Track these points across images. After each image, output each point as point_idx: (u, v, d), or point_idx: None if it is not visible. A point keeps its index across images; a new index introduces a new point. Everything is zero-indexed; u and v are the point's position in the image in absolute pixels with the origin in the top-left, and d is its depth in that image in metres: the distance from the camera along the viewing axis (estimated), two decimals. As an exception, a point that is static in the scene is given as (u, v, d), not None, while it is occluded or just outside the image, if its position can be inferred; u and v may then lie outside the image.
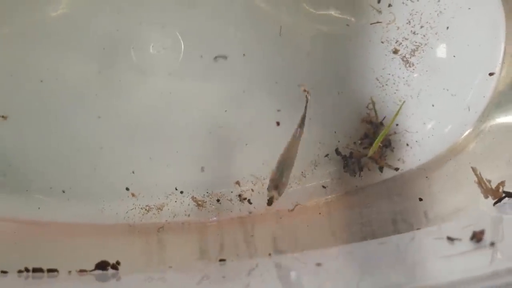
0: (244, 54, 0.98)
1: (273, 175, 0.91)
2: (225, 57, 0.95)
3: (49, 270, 0.71)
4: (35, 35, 0.95)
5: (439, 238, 0.82)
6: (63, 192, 0.95)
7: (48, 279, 0.69)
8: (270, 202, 0.90)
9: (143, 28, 0.96)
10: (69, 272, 0.72)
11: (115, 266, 0.72)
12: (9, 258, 0.81)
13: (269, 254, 0.87)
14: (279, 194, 0.91)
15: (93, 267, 0.73)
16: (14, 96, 0.95)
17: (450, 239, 0.69)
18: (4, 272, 0.72)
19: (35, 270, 0.72)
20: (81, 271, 0.71)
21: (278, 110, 0.99)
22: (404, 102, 0.96)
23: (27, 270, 0.72)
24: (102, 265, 0.72)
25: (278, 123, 0.98)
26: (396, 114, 0.95)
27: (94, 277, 0.69)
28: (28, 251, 0.86)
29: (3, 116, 0.90)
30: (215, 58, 0.94)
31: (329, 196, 0.99)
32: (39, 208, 0.93)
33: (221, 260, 0.81)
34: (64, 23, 0.95)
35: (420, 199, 0.93)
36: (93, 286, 0.69)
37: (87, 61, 0.95)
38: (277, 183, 0.91)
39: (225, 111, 0.98)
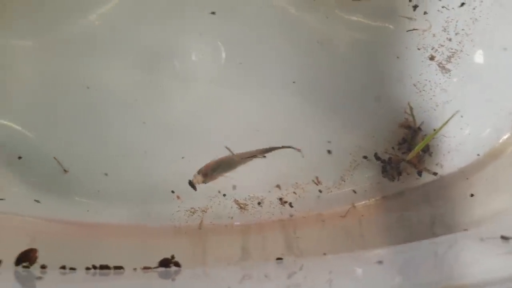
0: (281, 61, 1.00)
1: (211, 164, 0.93)
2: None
3: (115, 267, 0.73)
4: (81, 43, 0.98)
5: (480, 240, 0.82)
6: (110, 195, 0.97)
7: (114, 275, 0.71)
8: (191, 183, 0.92)
9: (185, 37, 0.99)
10: (134, 269, 0.74)
11: (178, 264, 0.73)
12: (60, 257, 0.83)
13: (310, 256, 0.88)
14: (203, 182, 0.93)
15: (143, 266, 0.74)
16: (62, 102, 0.98)
17: (504, 238, 0.69)
18: (73, 269, 0.74)
19: (102, 267, 0.74)
20: (145, 268, 0.73)
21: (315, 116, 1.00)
22: (457, 112, 0.97)
23: (94, 267, 0.74)
24: (165, 263, 0.74)
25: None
26: (446, 123, 0.96)
27: (157, 274, 0.71)
28: (77, 251, 0.88)
29: (65, 170, 0.93)
30: None
31: (368, 201, 1.00)
32: (87, 210, 0.95)
33: (278, 258, 0.83)
34: (109, 32, 0.99)
35: (472, 195, 0.93)
36: (154, 283, 0.70)
37: (132, 69, 0.99)
38: (208, 173, 0.92)
39: (265, 116, 1.00)
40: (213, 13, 0.98)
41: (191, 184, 0.93)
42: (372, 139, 1.01)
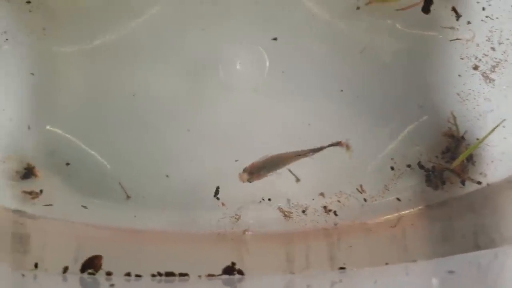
0: (324, 69, 1.00)
1: (257, 163, 0.94)
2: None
3: (181, 274, 0.73)
4: (128, 50, 1.00)
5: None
6: (157, 201, 0.97)
7: (179, 282, 0.72)
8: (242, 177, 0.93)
9: (230, 45, 1.00)
10: (199, 276, 0.75)
11: (241, 271, 0.74)
12: (112, 263, 0.84)
13: (354, 266, 0.88)
14: (248, 180, 0.93)
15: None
16: (108, 109, 0.99)
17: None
18: (139, 275, 0.74)
19: (168, 274, 0.74)
20: (210, 275, 0.73)
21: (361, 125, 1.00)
22: (504, 120, 0.97)
23: (160, 274, 0.75)
24: (228, 270, 0.74)
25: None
26: (490, 132, 0.96)
27: (222, 282, 0.71)
28: (126, 256, 0.89)
29: (128, 196, 0.95)
30: None
31: (412, 209, 0.99)
32: (135, 216, 0.96)
33: (340, 268, 0.83)
34: (155, 39, 1.00)
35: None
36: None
37: (177, 76, 1.00)
38: (254, 171, 0.93)
39: (308, 124, 1.00)
40: (258, 23, 0.98)
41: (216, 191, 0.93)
42: (416, 148, 1.01)
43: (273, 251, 0.96)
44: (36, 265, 0.88)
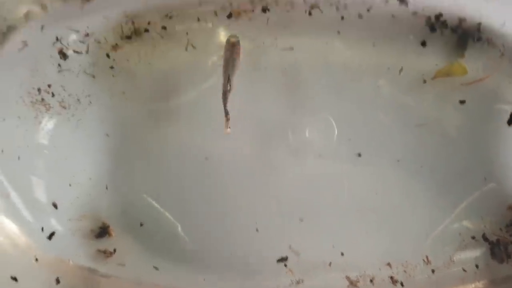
0: (390, 139, 1.03)
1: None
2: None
3: None
4: (201, 114, 1.03)
5: None
6: (224, 265, 0.99)
7: None
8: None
9: (300, 113, 1.03)
10: None
11: None
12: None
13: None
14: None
15: None
16: (181, 171, 1.03)
17: None
18: None
19: None
20: None
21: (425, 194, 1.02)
22: None
23: None
24: None
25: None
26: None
27: None
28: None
29: None
30: None
31: (478, 283, 1.00)
32: (204, 279, 0.98)
33: None
34: (228, 104, 1.03)
35: None
36: None
37: (249, 141, 1.03)
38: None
39: (376, 193, 1.02)
40: (328, 93, 1.02)
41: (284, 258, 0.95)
42: (481, 220, 1.02)
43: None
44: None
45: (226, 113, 0.95)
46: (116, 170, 1.01)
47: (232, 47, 0.94)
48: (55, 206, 0.98)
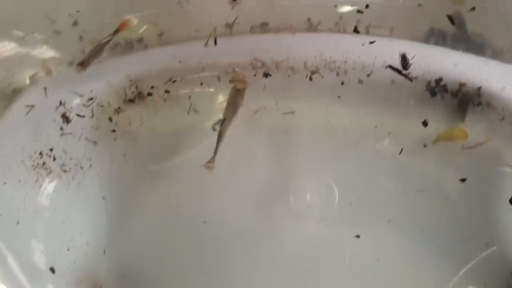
0: (391, 203, 1.03)
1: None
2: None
3: None
4: (201, 177, 1.03)
5: None
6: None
7: None
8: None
9: (301, 176, 1.03)
10: None
11: None
12: None
13: None
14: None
15: None
16: (179, 234, 1.02)
17: None
18: None
19: None
20: None
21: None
22: None
23: None
24: None
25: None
26: None
27: None
28: None
29: None
30: None
31: None
32: None
33: None
34: (228, 167, 1.03)
35: None
36: None
37: (249, 205, 1.03)
38: None
39: (377, 260, 1.01)
40: (329, 157, 1.02)
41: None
42: (483, 286, 1.00)
43: None
44: None
45: (215, 153, 0.94)
46: (114, 234, 1.01)
47: (237, 93, 0.94)
48: (52, 270, 0.97)
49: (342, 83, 1.02)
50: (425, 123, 1.03)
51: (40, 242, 0.97)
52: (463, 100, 1.02)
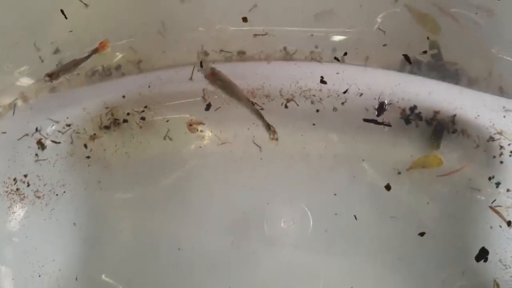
0: (366, 231, 1.02)
1: None
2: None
3: None
4: (176, 204, 1.04)
5: None
6: None
7: None
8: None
9: (276, 203, 1.03)
10: None
11: None
12: None
13: None
14: None
15: None
16: (153, 260, 1.02)
17: None
18: None
19: None
20: None
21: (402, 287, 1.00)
22: None
23: None
24: None
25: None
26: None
27: None
28: None
29: None
30: None
31: None
32: None
33: None
34: (203, 194, 1.04)
35: None
36: None
37: (223, 232, 1.03)
38: None
39: (351, 286, 1.00)
40: (303, 184, 1.03)
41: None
42: (459, 315, 0.99)
43: None
44: None
45: (268, 124, 0.94)
46: (87, 260, 1.01)
47: (214, 75, 0.94)
48: (22, 298, 0.97)
49: (317, 111, 1.03)
50: (387, 187, 1.04)
51: (10, 267, 0.96)
52: (438, 127, 1.03)
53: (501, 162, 0.98)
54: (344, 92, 1.00)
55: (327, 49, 1.04)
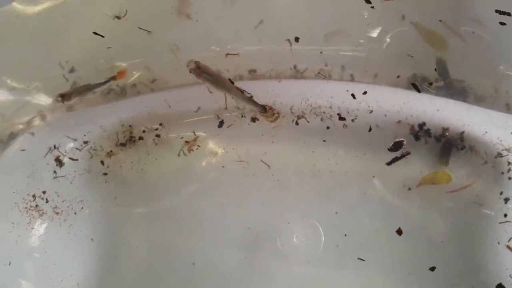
0: (377, 246, 1.04)
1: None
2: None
3: None
4: (190, 220, 1.06)
5: None
6: None
7: None
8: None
9: (288, 219, 1.05)
10: None
11: None
12: None
13: None
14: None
15: None
16: (167, 274, 1.03)
17: None
18: None
19: None
20: None
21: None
22: None
23: None
24: None
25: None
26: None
27: None
28: None
29: None
30: None
31: None
32: None
33: None
34: (217, 210, 1.06)
35: None
36: None
37: (237, 247, 1.04)
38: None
39: (361, 299, 1.01)
40: (315, 199, 1.04)
41: None
42: (470, 331, 1.00)
43: None
44: None
45: (262, 107, 0.96)
46: (104, 275, 1.03)
47: (199, 69, 0.95)
48: (41, 312, 0.99)
49: (328, 128, 1.05)
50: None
51: (32, 282, 0.98)
52: (447, 144, 1.05)
53: (509, 178, 0.99)
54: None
55: (337, 67, 1.07)
